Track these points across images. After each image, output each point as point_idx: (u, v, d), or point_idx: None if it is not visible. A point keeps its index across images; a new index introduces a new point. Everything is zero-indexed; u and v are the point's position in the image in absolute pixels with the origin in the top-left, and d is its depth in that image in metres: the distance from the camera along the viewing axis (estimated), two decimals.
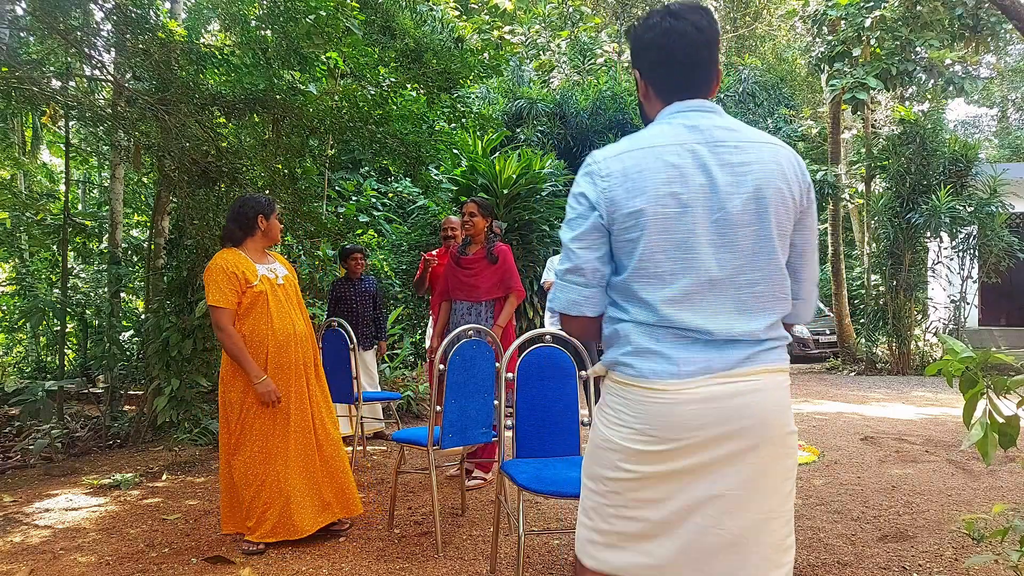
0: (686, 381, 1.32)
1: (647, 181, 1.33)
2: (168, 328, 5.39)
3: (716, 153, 1.35)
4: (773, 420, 1.36)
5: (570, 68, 14.72)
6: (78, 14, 4.97)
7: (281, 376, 3.12)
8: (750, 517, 1.33)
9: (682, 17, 1.39)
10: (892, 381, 9.53)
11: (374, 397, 5.17)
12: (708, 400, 1.31)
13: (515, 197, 8.40)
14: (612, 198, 1.35)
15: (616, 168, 1.37)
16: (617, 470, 1.37)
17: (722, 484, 1.32)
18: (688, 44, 1.39)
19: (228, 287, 3.03)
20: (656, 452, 1.33)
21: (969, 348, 1.94)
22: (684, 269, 1.34)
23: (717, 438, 1.32)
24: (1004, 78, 23.05)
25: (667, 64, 1.42)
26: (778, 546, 1.37)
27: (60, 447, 5.28)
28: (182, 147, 4.76)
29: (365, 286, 5.54)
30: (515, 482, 2.50)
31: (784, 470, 1.38)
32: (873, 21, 10.97)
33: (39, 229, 7.00)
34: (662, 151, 1.35)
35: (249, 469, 3.10)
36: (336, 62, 5.96)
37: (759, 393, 1.34)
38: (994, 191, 10.09)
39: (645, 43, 1.43)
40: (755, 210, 1.34)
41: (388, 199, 8.44)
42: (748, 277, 1.35)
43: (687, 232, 1.33)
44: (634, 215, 1.34)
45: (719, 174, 1.34)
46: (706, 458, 1.32)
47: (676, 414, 1.32)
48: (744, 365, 1.34)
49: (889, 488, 4.03)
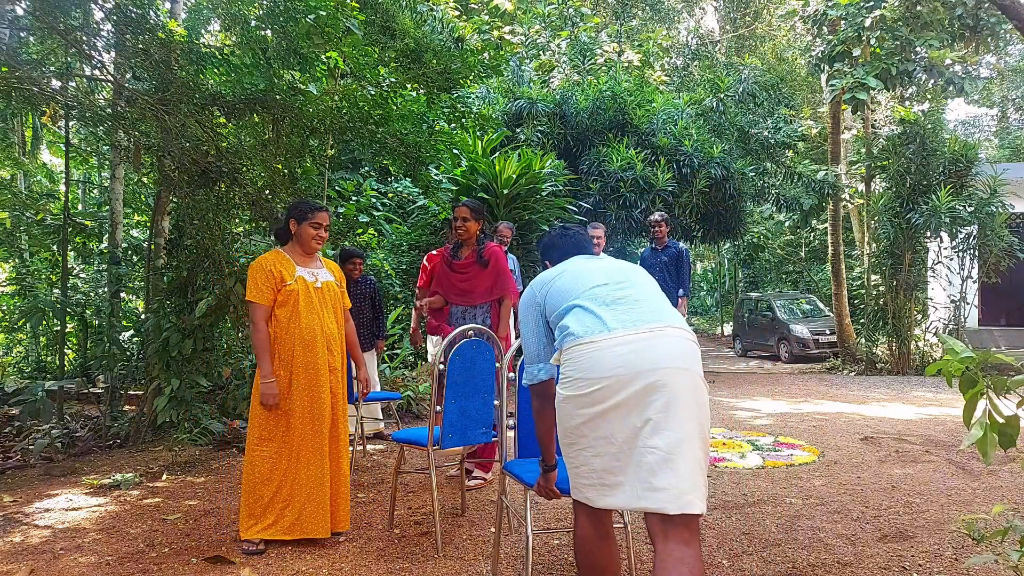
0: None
1: (550, 275, 2.21)
2: (168, 328, 5.39)
3: (594, 260, 2.28)
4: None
5: (570, 68, 14.71)
6: (78, 14, 4.97)
7: (306, 376, 3.18)
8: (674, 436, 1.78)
9: (564, 231, 2.46)
10: (892, 381, 9.53)
11: (374, 397, 5.17)
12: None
13: (515, 197, 8.40)
14: (543, 300, 2.16)
15: (536, 286, 2.22)
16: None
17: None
18: (574, 237, 2.41)
19: (264, 284, 3.17)
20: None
21: (969, 348, 1.94)
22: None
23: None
24: (1004, 78, 23.05)
25: (564, 252, 2.37)
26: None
27: (60, 447, 5.28)
28: (182, 147, 4.75)
29: (363, 288, 5.54)
30: (523, 482, 2.50)
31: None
32: (873, 21, 10.97)
33: (39, 229, 7.01)
34: (561, 267, 2.26)
35: (272, 465, 3.15)
36: (336, 62, 5.95)
37: (664, 339, 1.89)
38: (994, 191, 10.09)
39: (548, 246, 2.44)
40: (625, 270, 2.22)
41: (388, 199, 8.43)
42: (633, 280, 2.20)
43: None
44: (547, 285, 2.20)
45: (602, 261, 2.28)
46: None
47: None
48: (648, 322, 1.96)
49: (889, 488, 4.03)
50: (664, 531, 1.77)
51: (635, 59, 16.15)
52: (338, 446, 3.28)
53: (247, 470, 3.18)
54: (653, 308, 1.95)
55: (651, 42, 17.58)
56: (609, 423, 1.82)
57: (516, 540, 3.27)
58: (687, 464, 1.75)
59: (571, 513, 3.53)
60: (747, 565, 2.94)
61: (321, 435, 3.19)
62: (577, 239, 2.38)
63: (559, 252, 2.37)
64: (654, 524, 1.80)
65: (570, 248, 2.35)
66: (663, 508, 1.74)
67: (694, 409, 1.80)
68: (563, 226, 2.47)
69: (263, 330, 3.16)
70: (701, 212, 11.14)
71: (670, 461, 1.74)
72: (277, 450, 3.16)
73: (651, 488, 1.75)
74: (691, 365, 1.85)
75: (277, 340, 3.18)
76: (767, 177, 14.00)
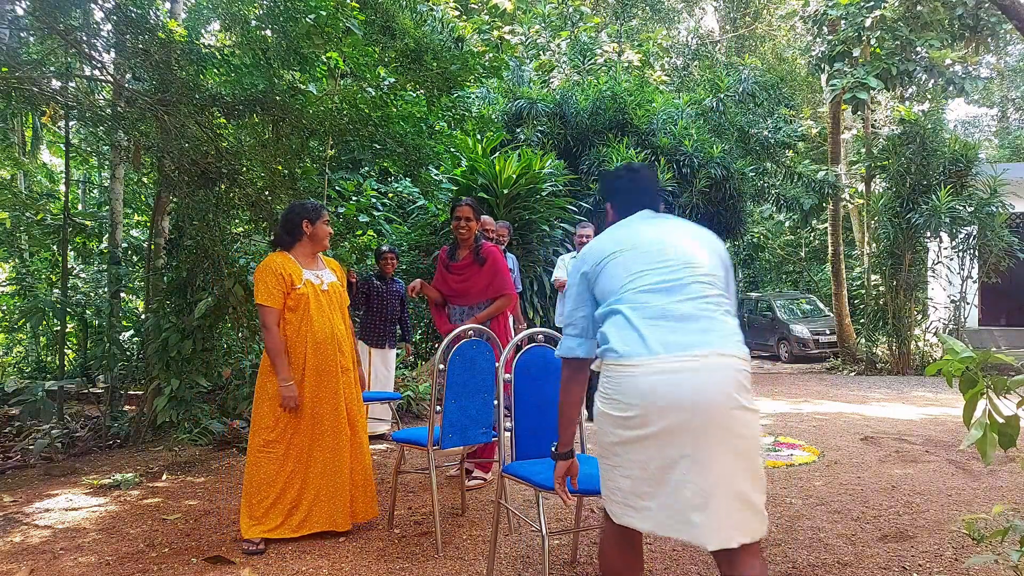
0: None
1: (604, 247, 1.99)
2: (168, 328, 5.39)
3: (658, 222, 2.04)
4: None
5: (570, 68, 14.70)
6: (78, 14, 4.97)
7: (317, 379, 3.18)
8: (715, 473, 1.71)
9: (635, 170, 2.17)
10: (892, 381, 9.53)
11: (375, 397, 5.16)
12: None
13: (515, 197, 8.40)
14: (592, 269, 1.99)
15: (587, 252, 2.03)
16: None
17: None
18: (644, 183, 2.15)
19: (276, 287, 3.14)
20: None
21: (969, 348, 1.94)
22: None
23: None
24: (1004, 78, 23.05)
25: (632, 195, 2.13)
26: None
27: (60, 447, 5.28)
28: (182, 147, 4.75)
29: (396, 287, 5.68)
30: (531, 483, 2.50)
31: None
32: (873, 21, 10.98)
33: (39, 229, 7.01)
34: (617, 230, 2.04)
35: (279, 467, 3.16)
36: (336, 62, 5.95)
37: (712, 372, 1.75)
38: (994, 191, 10.08)
39: (616, 187, 2.18)
40: (690, 244, 1.98)
41: (388, 199, 8.43)
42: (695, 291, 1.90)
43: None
44: (597, 266, 1.99)
45: (661, 228, 2.00)
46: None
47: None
48: (697, 348, 1.78)
49: (889, 488, 4.03)
50: (729, 560, 1.75)
51: (635, 59, 16.15)
52: (358, 443, 3.31)
53: (249, 471, 3.18)
54: (702, 327, 1.78)
55: (651, 42, 17.58)
56: (644, 450, 1.75)
57: (516, 540, 3.27)
58: (727, 501, 1.69)
59: (571, 513, 3.54)
60: None
61: (337, 435, 3.21)
62: (647, 186, 2.13)
63: (624, 199, 2.13)
64: (720, 559, 1.78)
65: (638, 196, 2.11)
66: (703, 543, 1.71)
67: (735, 442, 1.72)
68: (631, 167, 2.17)
69: (276, 332, 3.14)
70: (701, 212, 11.14)
71: (709, 498, 1.69)
72: (284, 452, 3.17)
73: (687, 522, 1.70)
74: (733, 398, 1.72)
75: (288, 343, 3.17)
76: (767, 177, 14.00)
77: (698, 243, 1.96)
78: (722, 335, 1.78)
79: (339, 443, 3.21)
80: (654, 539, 3.27)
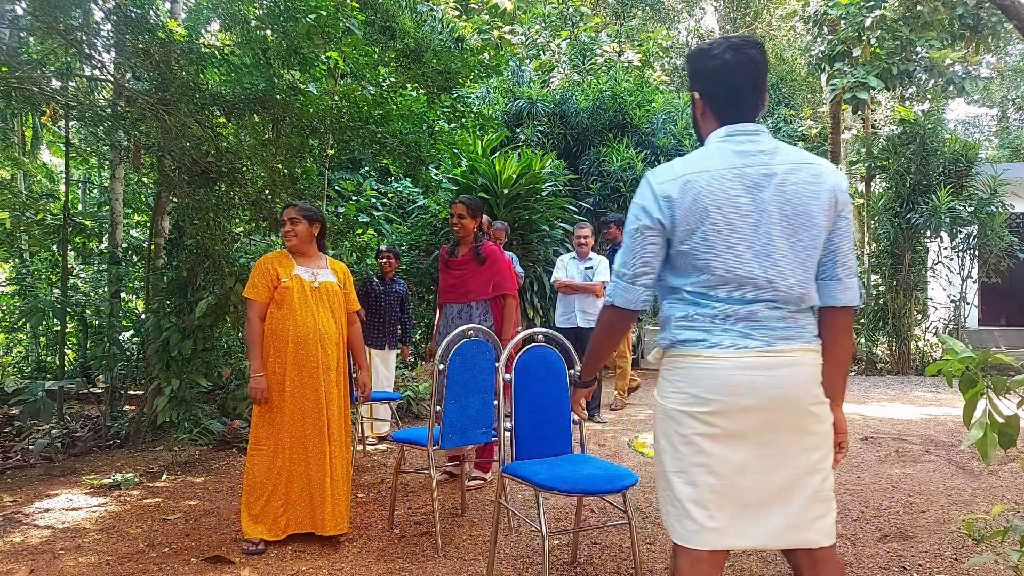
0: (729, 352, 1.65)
1: (704, 201, 1.63)
2: (168, 328, 5.39)
3: (762, 175, 1.65)
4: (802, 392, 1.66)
5: (570, 68, 14.70)
6: (78, 14, 4.97)
7: (299, 374, 3.21)
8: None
9: (741, 50, 1.68)
10: (892, 381, 9.52)
11: (375, 397, 5.16)
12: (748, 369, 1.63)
13: (515, 197, 8.40)
14: (674, 218, 1.65)
15: (674, 193, 1.65)
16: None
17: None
18: (744, 74, 1.69)
19: (260, 281, 3.25)
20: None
21: (969, 348, 1.94)
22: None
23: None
24: (1004, 78, 23.05)
25: (729, 90, 1.71)
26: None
27: (60, 447, 5.28)
28: (182, 147, 4.75)
29: (395, 288, 5.67)
30: (532, 483, 2.50)
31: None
32: (873, 21, 10.97)
33: (39, 229, 7.00)
34: (716, 175, 1.64)
35: (268, 465, 3.19)
36: (336, 62, 5.96)
37: (793, 368, 1.64)
38: (994, 191, 10.08)
39: (709, 70, 1.71)
40: (792, 224, 1.64)
41: (388, 199, 8.43)
42: (788, 280, 1.65)
43: (736, 242, 1.65)
44: (691, 231, 1.64)
45: (763, 194, 1.64)
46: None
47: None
48: (780, 343, 1.65)
49: (889, 488, 4.03)
50: (811, 561, 1.70)
51: (635, 59, 16.14)
52: (331, 446, 3.26)
53: (246, 470, 3.22)
54: (788, 323, 1.66)
55: (651, 42, 17.58)
56: (720, 448, 1.63)
57: (516, 540, 3.27)
58: (810, 499, 1.65)
59: (571, 513, 3.54)
60: (747, 565, 2.94)
61: (320, 433, 3.20)
62: (756, 82, 1.69)
63: (722, 94, 1.72)
64: (800, 561, 1.72)
65: (739, 97, 1.70)
66: (788, 545, 1.66)
67: (814, 439, 1.67)
68: (734, 45, 1.68)
69: (254, 325, 3.24)
70: None
71: (792, 497, 1.64)
72: (273, 449, 3.20)
73: (769, 526, 1.63)
74: (813, 393, 1.67)
75: (274, 337, 3.22)
76: None
77: (794, 220, 1.65)
78: (804, 330, 1.69)
79: (323, 441, 3.21)
80: (654, 539, 3.27)
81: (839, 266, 1.71)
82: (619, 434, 5.74)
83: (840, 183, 1.68)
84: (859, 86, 11.07)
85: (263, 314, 3.25)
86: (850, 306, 1.74)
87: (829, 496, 1.69)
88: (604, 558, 3.05)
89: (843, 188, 1.69)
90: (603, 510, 3.70)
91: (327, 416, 3.24)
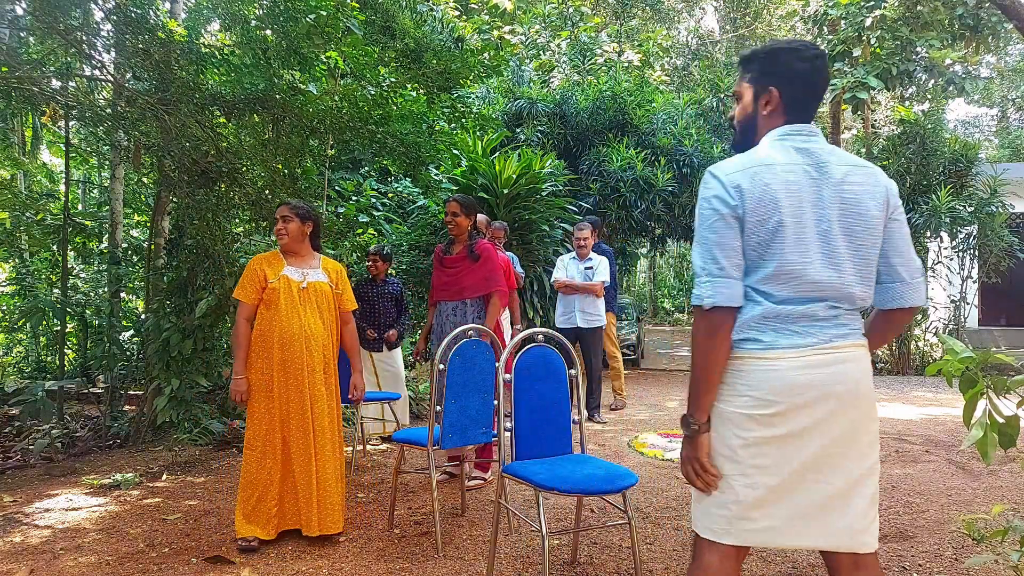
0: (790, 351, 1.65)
1: (773, 193, 1.63)
2: (168, 328, 5.39)
3: (822, 174, 1.66)
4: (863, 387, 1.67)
5: (570, 68, 14.70)
6: (78, 14, 4.97)
7: (285, 375, 3.20)
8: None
9: (823, 59, 1.75)
10: (892, 381, 9.52)
11: (374, 397, 5.16)
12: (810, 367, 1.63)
13: (515, 197, 8.39)
14: (745, 207, 1.64)
15: (744, 183, 1.65)
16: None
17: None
18: (823, 81, 1.75)
19: (248, 282, 3.25)
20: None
21: (969, 348, 1.94)
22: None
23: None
24: (1004, 78, 23.05)
25: (807, 93, 1.74)
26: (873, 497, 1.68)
27: (60, 447, 5.28)
28: (182, 147, 4.75)
29: (388, 288, 5.62)
30: (532, 483, 2.50)
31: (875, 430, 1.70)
32: (873, 20, 10.97)
33: (39, 229, 7.00)
34: (781, 169, 1.66)
35: (258, 465, 3.20)
36: (336, 62, 5.95)
37: (849, 363, 1.65)
38: (994, 191, 10.08)
39: (797, 70, 1.73)
40: (851, 224, 1.65)
41: (388, 199, 8.43)
42: (847, 279, 1.66)
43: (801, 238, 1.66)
44: (761, 222, 1.63)
45: (824, 192, 1.65)
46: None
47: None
48: (836, 340, 1.65)
49: (889, 488, 4.03)
50: (855, 565, 1.68)
51: (635, 59, 16.14)
52: (317, 447, 3.24)
53: (242, 470, 3.25)
54: (842, 321, 1.67)
55: (651, 42, 17.58)
56: (783, 450, 1.62)
57: (516, 540, 3.27)
58: (863, 501, 1.64)
59: (571, 512, 3.54)
60: (747, 565, 2.94)
61: (303, 434, 3.20)
62: (822, 90, 1.76)
63: (800, 95, 1.73)
64: (842, 564, 1.70)
65: (811, 101, 1.75)
66: (839, 547, 1.65)
67: (870, 438, 1.67)
68: (821, 53, 1.74)
69: (240, 326, 3.24)
70: None
71: (850, 498, 1.63)
72: (262, 451, 3.21)
73: (824, 525, 1.63)
74: (870, 390, 1.68)
75: (261, 338, 3.23)
76: None
77: (855, 232, 1.66)
78: (853, 327, 1.69)
79: (307, 442, 3.20)
80: (654, 539, 3.27)
81: (902, 267, 1.71)
82: (619, 434, 5.74)
83: (892, 186, 1.72)
84: (859, 86, 11.06)
85: (251, 315, 3.26)
86: (917, 306, 1.72)
87: (878, 499, 1.70)
88: (604, 558, 3.05)
89: (894, 191, 1.72)
90: (603, 510, 3.70)
91: (312, 417, 3.22)
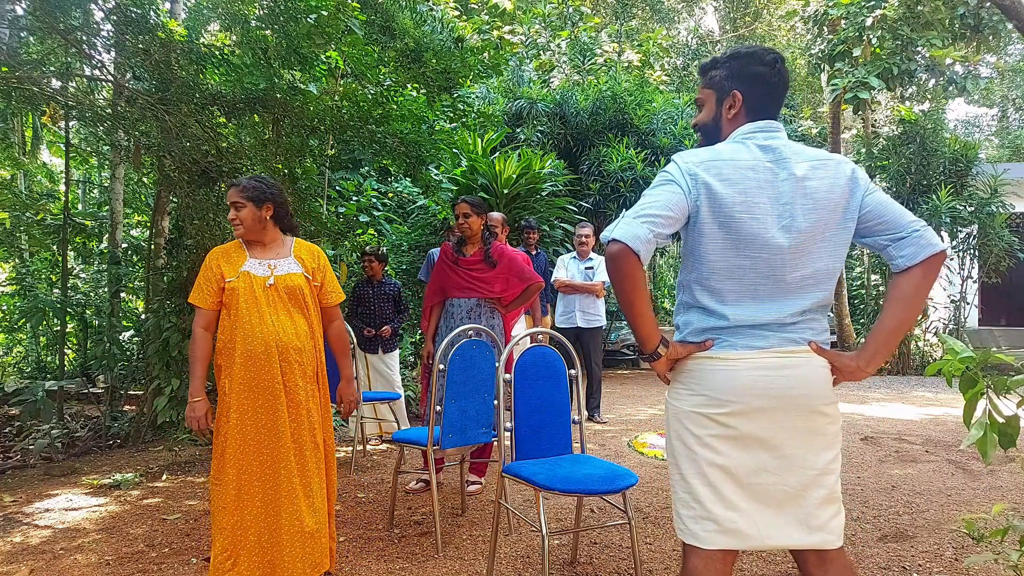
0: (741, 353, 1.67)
1: (731, 188, 1.65)
2: (168, 328, 5.39)
3: (784, 169, 1.68)
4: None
5: (570, 68, 14.70)
6: (78, 14, 4.97)
7: (248, 397, 2.51)
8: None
9: (783, 63, 1.79)
10: (892, 381, 9.52)
11: (375, 397, 5.16)
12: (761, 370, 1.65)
13: (515, 197, 8.40)
14: (698, 194, 1.65)
15: (702, 174, 1.66)
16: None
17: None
18: (783, 84, 1.79)
19: (204, 282, 2.57)
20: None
21: (969, 348, 1.94)
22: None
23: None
24: (1004, 78, 23.05)
25: (768, 95, 1.78)
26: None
27: (60, 447, 5.28)
28: (182, 147, 4.75)
29: (386, 289, 5.63)
30: (532, 483, 2.50)
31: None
32: (874, 20, 10.97)
33: (39, 229, 7.00)
34: (742, 164, 1.67)
35: (221, 504, 2.51)
36: (336, 62, 5.95)
37: (804, 367, 1.67)
38: (994, 191, 10.09)
39: (757, 73, 1.78)
40: (815, 219, 1.66)
41: (388, 199, 8.42)
42: (809, 278, 1.68)
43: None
44: (717, 218, 1.65)
45: (785, 188, 1.66)
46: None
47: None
48: (792, 344, 1.67)
49: (889, 488, 4.03)
50: (821, 562, 1.70)
51: (635, 59, 16.14)
52: (294, 483, 2.51)
53: (211, 510, 2.59)
54: (801, 325, 1.69)
55: (651, 42, 17.57)
56: (735, 449, 1.65)
57: (516, 540, 3.27)
58: (824, 499, 1.66)
59: (571, 512, 3.54)
60: (747, 565, 2.94)
61: (275, 468, 2.50)
62: (783, 91, 1.81)
63: (760, 94, 1.78)
64: (808, 559, 1.72)
65: (773, 100, 1.79)
66: (803, 545, 1.66)
67: (827, 439, 1.68)
68: (781, 58, 1.79)
69: (196, 338, 2.57)
70: None
71: (802, 498, 1.65)
72: (223, 487, 2.51)
73: (786, 526, 1.64)
74: (826, 392, 1.70)
75: (223, 351, 2.56)
76: None
77: (819, 227, 1.67)
78: (813, 331, 1.70)
79: (276, 478, 2.49)
80: (654, 539, 3.27)
81: (900, 225, 1.68)
82: (619, 434, 5.74)
83: (857, 169, 1.73)
84: (859, 86, 11.06)
85: (210, 323, 2.59)
86: (941, 250, 1.66)
87: (840, 496, 1.70)
88: (604, 558, 3.05)
89: (861, 172, 1.73)
90: (603, 510, 3.70)
91: (286, 448, 2.51)
